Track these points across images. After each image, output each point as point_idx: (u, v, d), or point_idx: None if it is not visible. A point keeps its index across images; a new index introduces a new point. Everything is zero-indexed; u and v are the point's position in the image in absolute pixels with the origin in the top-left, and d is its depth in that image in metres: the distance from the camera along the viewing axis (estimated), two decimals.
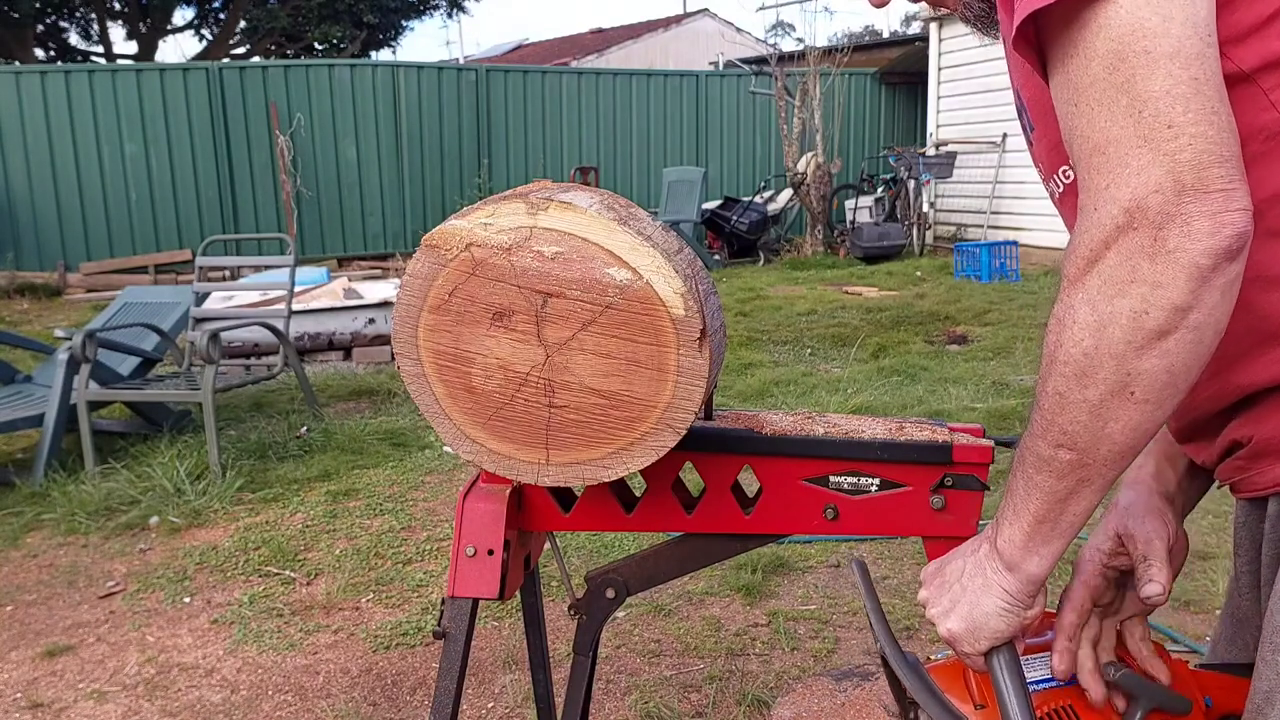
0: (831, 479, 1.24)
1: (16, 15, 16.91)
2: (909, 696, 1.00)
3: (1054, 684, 0.94)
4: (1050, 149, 0.97)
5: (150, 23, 19.69)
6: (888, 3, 1.02)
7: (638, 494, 1.30)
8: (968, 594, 0.91)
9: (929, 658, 1.00)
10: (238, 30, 20.26)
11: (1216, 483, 1.00)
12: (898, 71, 14.36)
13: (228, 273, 10.03)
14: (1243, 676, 1.00)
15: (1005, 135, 11.08)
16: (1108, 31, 0.73)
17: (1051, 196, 1.01)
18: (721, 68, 16.55)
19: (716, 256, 11.62)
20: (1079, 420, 0.78)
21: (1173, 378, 0.75)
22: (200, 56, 19.12)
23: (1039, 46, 0.81)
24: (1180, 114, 0.71)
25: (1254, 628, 0.99)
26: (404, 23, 21.76)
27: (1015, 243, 9.84)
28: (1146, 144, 0.72)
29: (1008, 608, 0.89)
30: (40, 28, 19.14)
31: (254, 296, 6.30)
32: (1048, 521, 0.84)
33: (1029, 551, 0.86)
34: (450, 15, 22.62)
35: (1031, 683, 0.95)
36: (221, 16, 20.48)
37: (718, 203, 12.38)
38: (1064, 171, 0.95)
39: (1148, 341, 0.74)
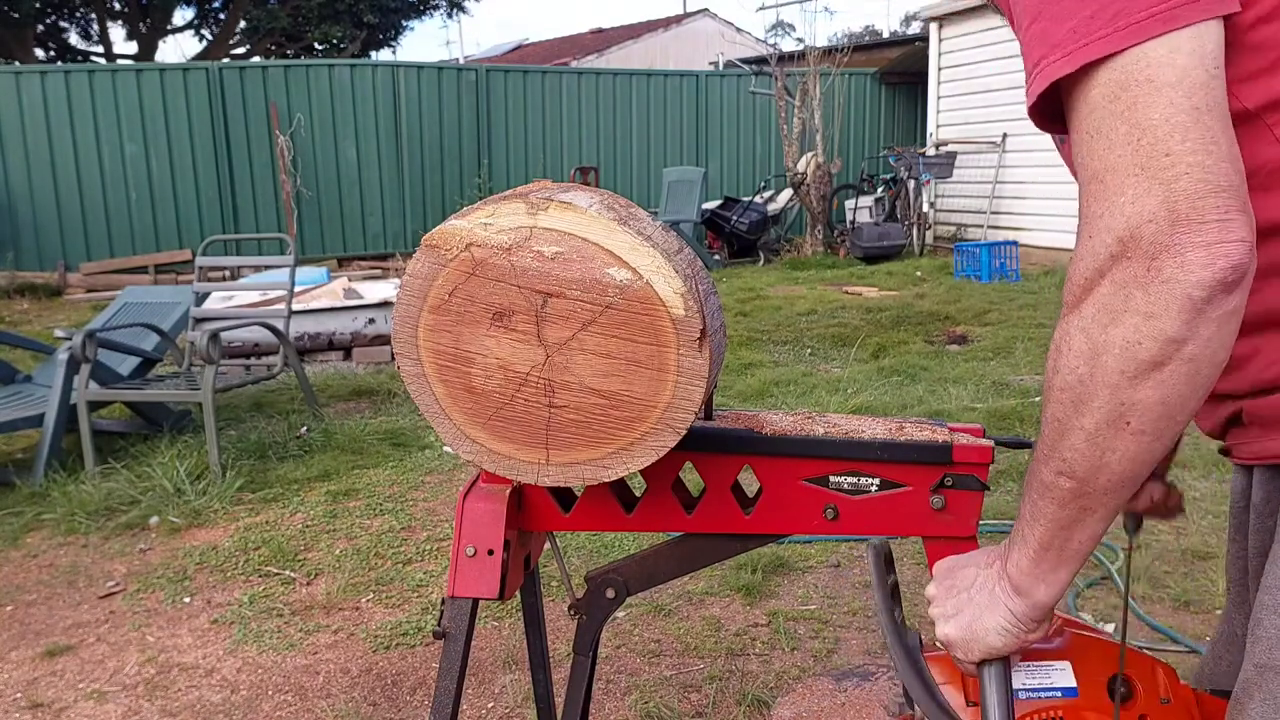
0: (831, 479, 1.24)
1: (16, 15, 16.91)
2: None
3: (1051, 694, 0.94)
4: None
5: (150, 23, 19.70)
6: None
7: (638, 494, 1.30)
8: (973, 605, 0.91)
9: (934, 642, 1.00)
10: (238, 30, 20.26)
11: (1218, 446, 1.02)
12: (898, 71, 14.36)
13: (228, 273, 10.03)
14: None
15: (1005, 135, 11.08)
16: (1113, 62, 0.73)
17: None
18: (721, 68, 16.55)
19: (716, 256, 11.62)
20: (1077, 448, 0.78)
21: (1168, 409, 0.74)
22: (200, 56, 19.13)
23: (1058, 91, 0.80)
24: (1178, 143, 0.71)
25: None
26: (404, 23, 21.77)
27: (1015, 243, 9.84)
28: (1143, 172, 0.71)
29: (1009, 629, 0.88)
30: (40, 28, 19.15)
31: (254, 296, 6.30)
32: (1053, 549, 0.84)
33: (1036, 579, 0.86)
34: (450, 15, 22.63)
35: (1032, 690, 0.95)
36: (221, 16, 20.48)
37: (718, 203, 12.38)
38: None
39: (1141, 372, 0.73)
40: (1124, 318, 0.73)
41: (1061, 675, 0.96)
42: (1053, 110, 0.81)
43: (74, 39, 20.54)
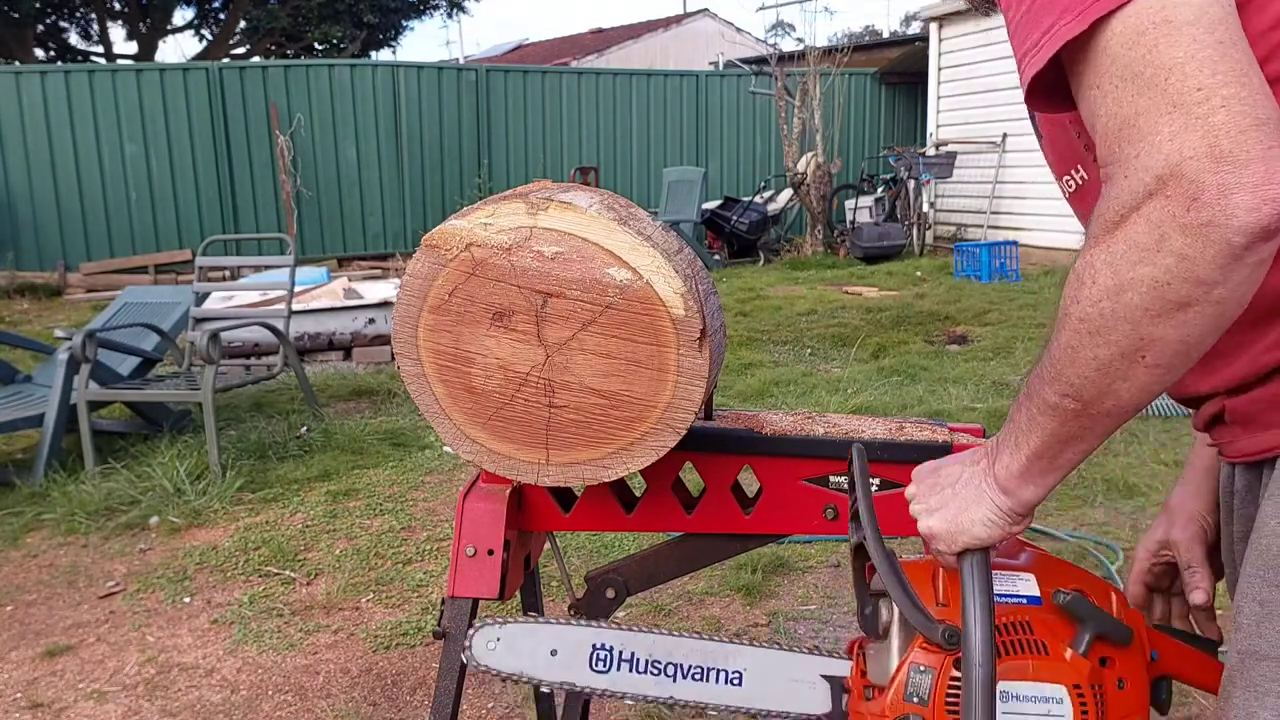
0: (831, 479, 1.24)
1: (16, 15, 16.91)
2: (870, 590, 1.04)
3: (1018, 600, 0.98)
4: (1059, 157, 0.98)
5: (150, 23, 19.69)
6: None
7: (638, 494, 1.30)
8: (958, 499, 0.93)
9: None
10: (238, 30, 20.26)
11: (1206, 440, 1.02)
12: (898, 71, 14.36)
13: (228, 273, 10.03)
14: (1187, 645, 1.08)
15: (1005, 135, 11.08)
16: (1122, 14, 0.72)
17: (1063, 192, 1.02)
18: (721, 68, 16.55)
19: (716, 256, 11.62)
20: (1086, 376, 0.78)
21: (1186, 347, 0.74)
22: (200, 56, 19.12)
23: (1057, 63, 0.79)
24: (1208, 77, 0.68)
25: None
26: (404, 23, 21.77)
27: (1015, 243, 9.84)
28: (1176, 109, 0.69)
29: (995, 520, 0.90)
30: (40, 28, 19.15)
31: (254, 296, 6.30)
32: (1045, 458, 0.86)
33: (1024, 481, 0.88)
34: (450, 15, 22.63)
35: (1000, 595, 0.98)
36: (221, 16, 20.48)
37: (718, 203, 12.38)
38: (1076, 172, 0.96)
39: (1166, 311, 0.72)
40: (1156, 257, 0.71)
41: (1027, 585, 0.99)
42: (1051, 87, 0.80)
43: (74, 39, 20.56)
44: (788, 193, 12.46)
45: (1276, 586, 0.82)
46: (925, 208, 11.62)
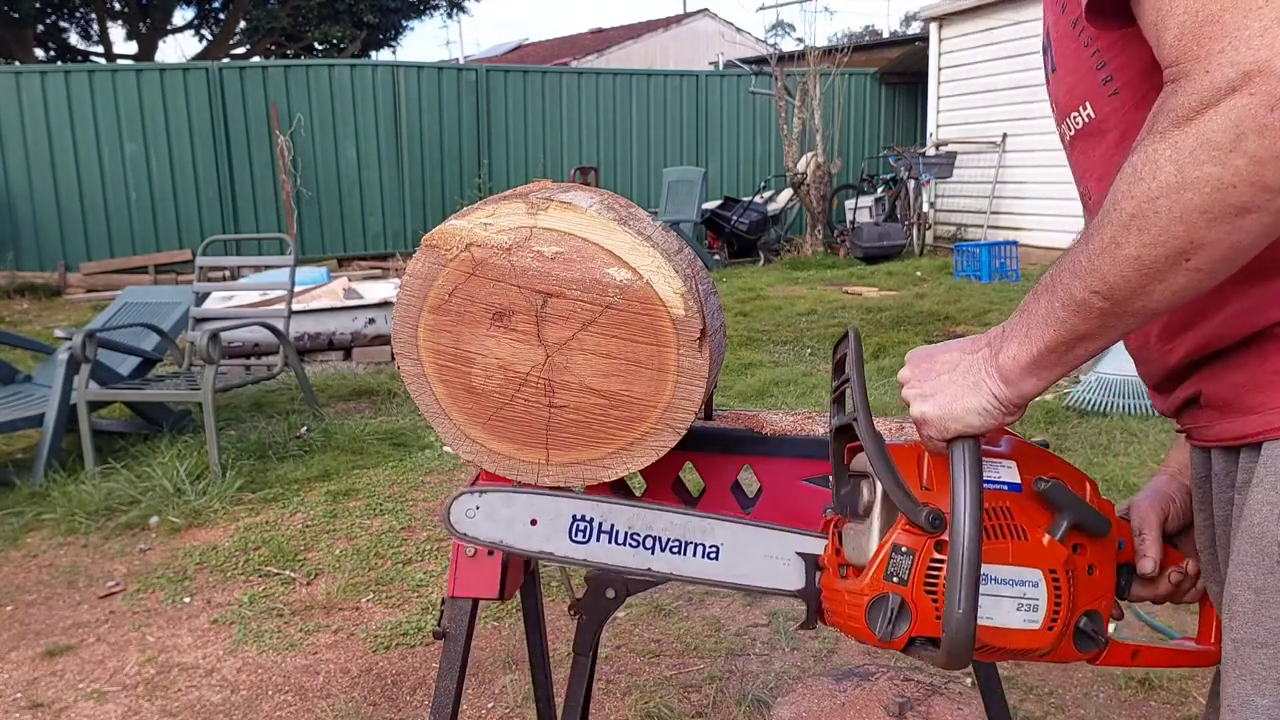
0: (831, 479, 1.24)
1: (16, 15, 16.91)
2: (849, 471, 1.06)
3: (999, 486, 0.99)
4: (1068, 91, 0.95)
5: (150, 23, 19.69)
6: None
7: (638, 494, 1.30)
8: (954, 386, 0.92)
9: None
10: (238, 30, 20.26)
11: (1176, 426, 1.02)
12: (898, 71, 14.36)
13: (228, 273, 10.03)
14: None
15: (1005, 135, 11.08)
16: None
17: (1062, 139, 0.99)
18: (721, 68, 16.55)
19: (716, 256, 11.62)
20: (1124, 275, 0.76)
21: (1233, 253, 0.72)
22: (200, 56, 19.13)
23: None
24: None
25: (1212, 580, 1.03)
26: (404, 23, 21.77)
27: (1015, 243, 9.84)
28: (1269, 4, 0.66)
29: (990, 409, 0.90)
30: (40, 28, 19.14)
31: (254, 296, 6.30)
32: (1056, 352, 0.85)
33: (1029, 373, 0.87)
34: (450, 15, 22.63)
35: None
36: (221, 16, 20.48)
37: (718, 203, 12.38)
38: (1084, 109, 0.93)
39: (1224, 215, 0.70)
40: (1228, 157, 0.68)
41: (1008, 472, 1.00)
42: (1111, 7, 0.78)
43: (74, 39, 20.56)
44: (788, 193, 12.47)
45: (1271, 574, 0.82)
46: (925, 208, 11.62)
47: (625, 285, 1.05)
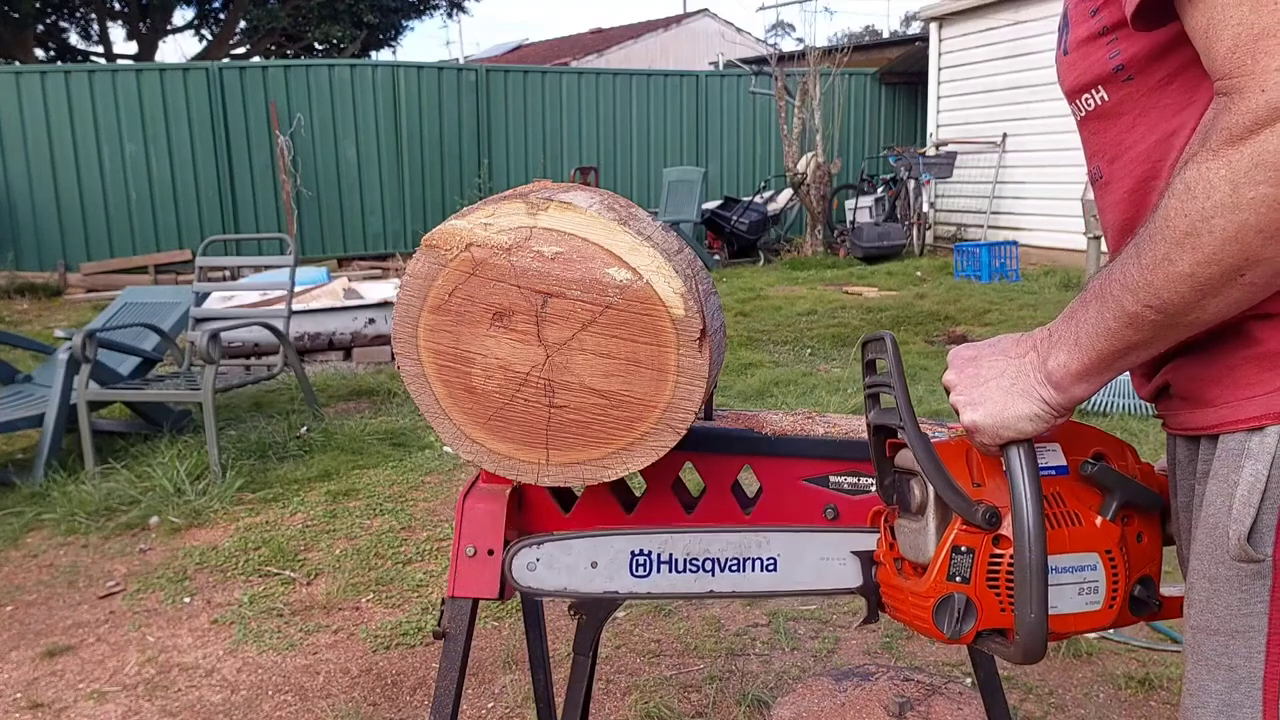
0: (831, 479, 1.24)
1: (16, 15, 16.91)
2: (894, 467, 1.06)
3: (1048, 472, 0.99)
4: (1079, 75, 0.95)
5: (150, 23, 19.69)
6: None
7: (638, 494, 1.30)
8: (1002, 393, 0.92)
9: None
10: (238, 30, 20.25)
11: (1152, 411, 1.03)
12: (898, 71, 14.36)
13: (228, 273, 10.03)
14: None
15: (1005, 135, 11.08)
16: None
17: (1074, 116, 0.99)
18: (721, 68, 16.55)
19: (716, 256, 11.62)
20: (1178, 290, 0.76)
21: None
22: (200, 56, 19.12)
23: None
24: None
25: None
26: (404, 23, 21.77)
27: (1015, 243, 9.85)
28: None
29: (1041, 415, 0.91)
30: (40, 28, 19.14)
31: (254, 296, 6.30)
32: (1107, 360, 0.85)
33: (1080, 380, 0.88)
34: (450, 15, 22.63)
35: None
36: (221, 16, 20.47)
37: (718, 203, 12.38)
38: (1096, 92, 0.93)
39: (1279, 233, 0.70)
40: None
41: (1053, 455, 1.01)
42: (1156, 9, 0.78)
43: (74, 39, 20.55)
44: (788, 193, 12.46)
45: (1222, 563, 0.84)
46: (925, 208, 11.62)
47: (625, 285, 1.05)
